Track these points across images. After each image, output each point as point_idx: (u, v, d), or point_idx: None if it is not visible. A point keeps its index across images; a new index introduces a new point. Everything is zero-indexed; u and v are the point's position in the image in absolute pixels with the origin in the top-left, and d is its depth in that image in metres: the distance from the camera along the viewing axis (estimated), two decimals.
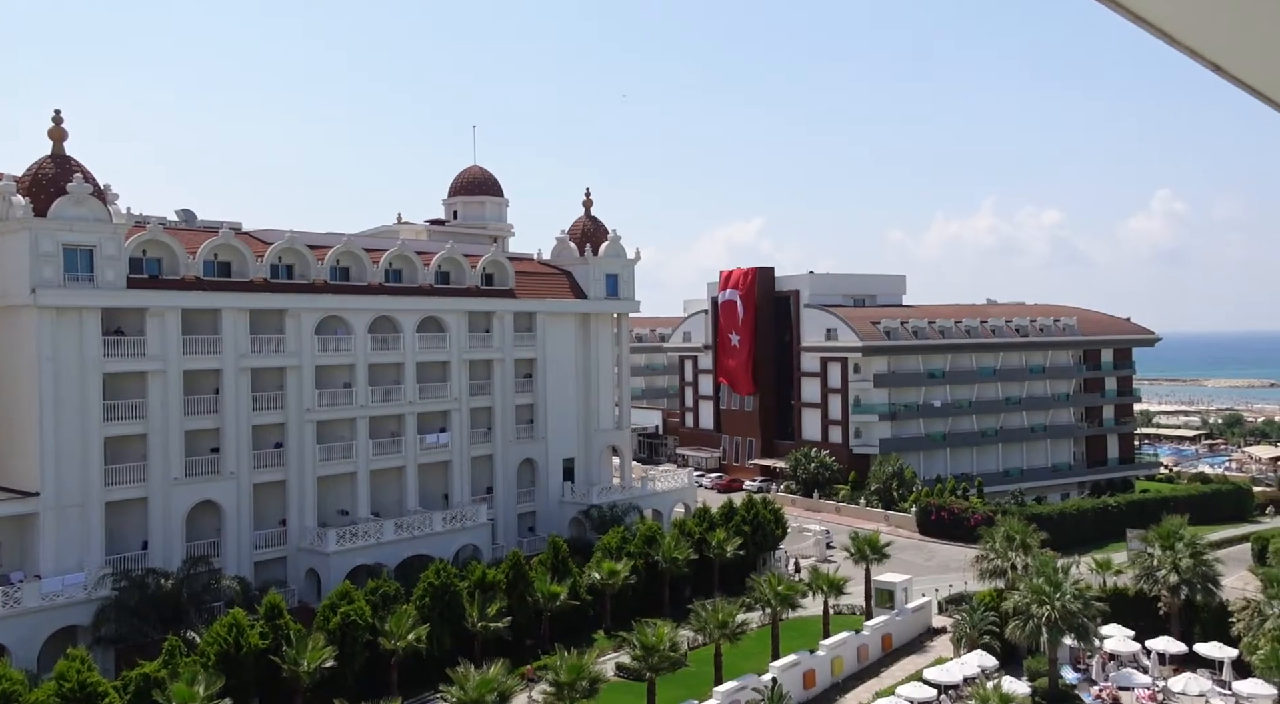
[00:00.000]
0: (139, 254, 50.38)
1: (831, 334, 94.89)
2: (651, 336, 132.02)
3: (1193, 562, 47.29)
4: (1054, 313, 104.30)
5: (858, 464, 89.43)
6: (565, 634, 48.50)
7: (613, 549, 55.23)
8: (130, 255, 49.58)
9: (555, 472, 68.60)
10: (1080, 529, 72.69)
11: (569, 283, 71.47)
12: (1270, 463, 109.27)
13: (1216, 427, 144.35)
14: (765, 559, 63.52)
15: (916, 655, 49.77)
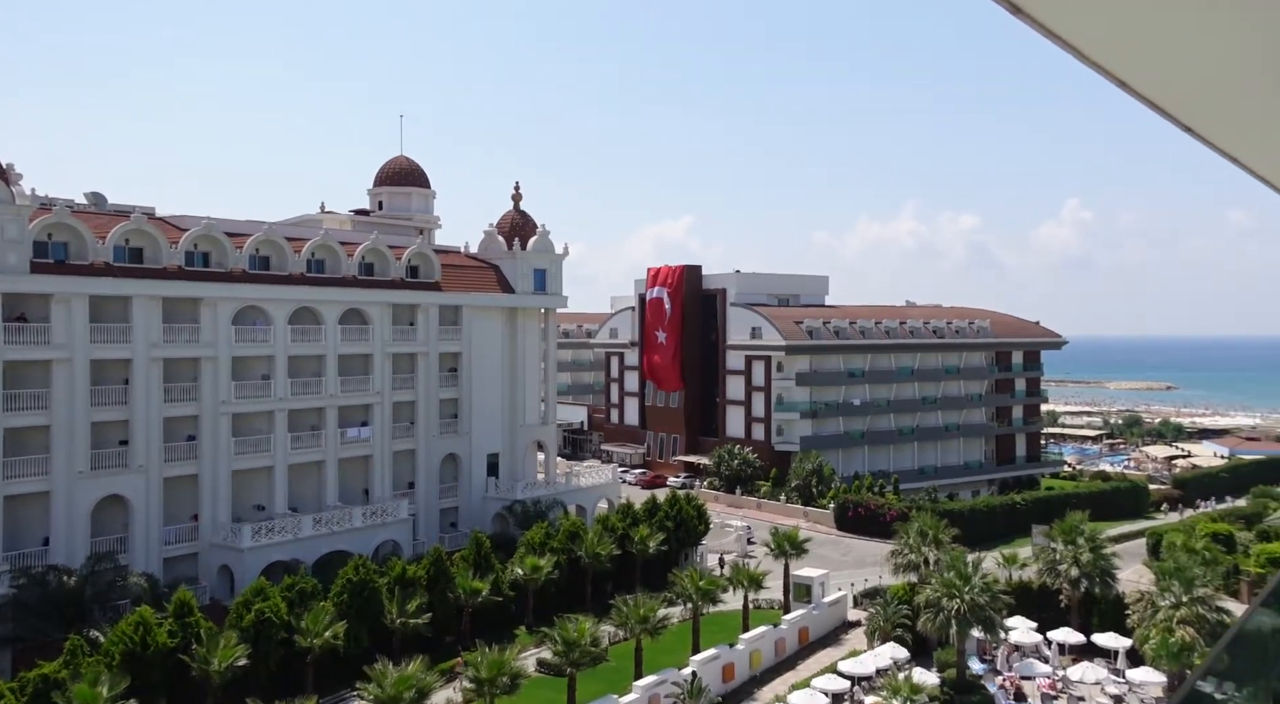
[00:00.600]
0: (44, 238, 48.32)
1: (756, 333, 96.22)
2: (579, 332, 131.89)
3: (1092, 556, 49.41)
4: (969, 315, 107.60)
5: (779, 461, 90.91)
6: (487, 630, 48.22)
7: (536, 545, 55.12)
8: (34, 239, 47.52)
9: (479, 467, 68.09)
10: (989, 525, 75.17)
11: (496, 277, 70.97)
12: (1165, 462, 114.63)
13: (1117, 427, 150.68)
14: (688, 555, 64.14)
15: (832, 648, 50.90)
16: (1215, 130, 7.15)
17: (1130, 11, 4.58)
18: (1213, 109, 6.64)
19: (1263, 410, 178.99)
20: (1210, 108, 6.57)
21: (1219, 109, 6.62)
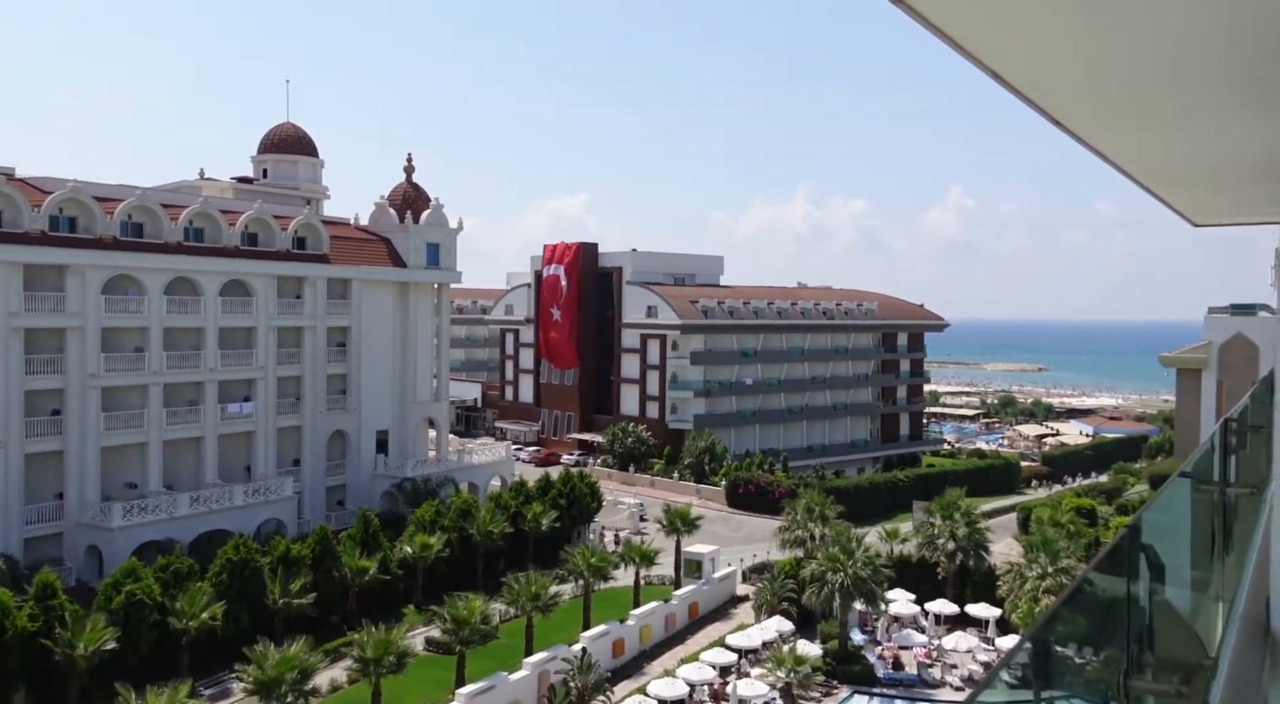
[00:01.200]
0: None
1: (652, 312, 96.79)
2: (473, 308, 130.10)
3: (968, 530, 51.83)
4: (857, 297, 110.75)
5: (673, 439, 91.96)
6: (375, 610, 47.39)
7: (426, 523, 54.39)
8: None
9: (368, 444, 66.61)
10: (873, 501, 77.84)
11: (388, 250, 69.25)
12: (1036, 440, 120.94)
13: (993, 406, 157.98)
14: (580, 532, 64.37)
15: (721, 622, 52.01)
16: (1083, 125, 7.47)
17: (999, 4, 4.72)
18: (1080, 105, 6.93)
19: (1124, 391, 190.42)
20: (1078, 103, 6.85)
21: (1086, 105, 6.92)
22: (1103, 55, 5.65)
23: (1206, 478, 4.51)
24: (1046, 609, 2.38)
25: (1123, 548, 2.69)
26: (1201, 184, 10.67)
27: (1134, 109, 7.06)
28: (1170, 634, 2.52)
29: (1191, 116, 7.37)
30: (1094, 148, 8.46)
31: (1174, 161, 9.23)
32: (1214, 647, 2.50)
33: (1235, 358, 28.78)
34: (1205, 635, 2.98)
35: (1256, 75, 5.64)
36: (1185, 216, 14.25)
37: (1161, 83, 6.27)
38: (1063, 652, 2.44)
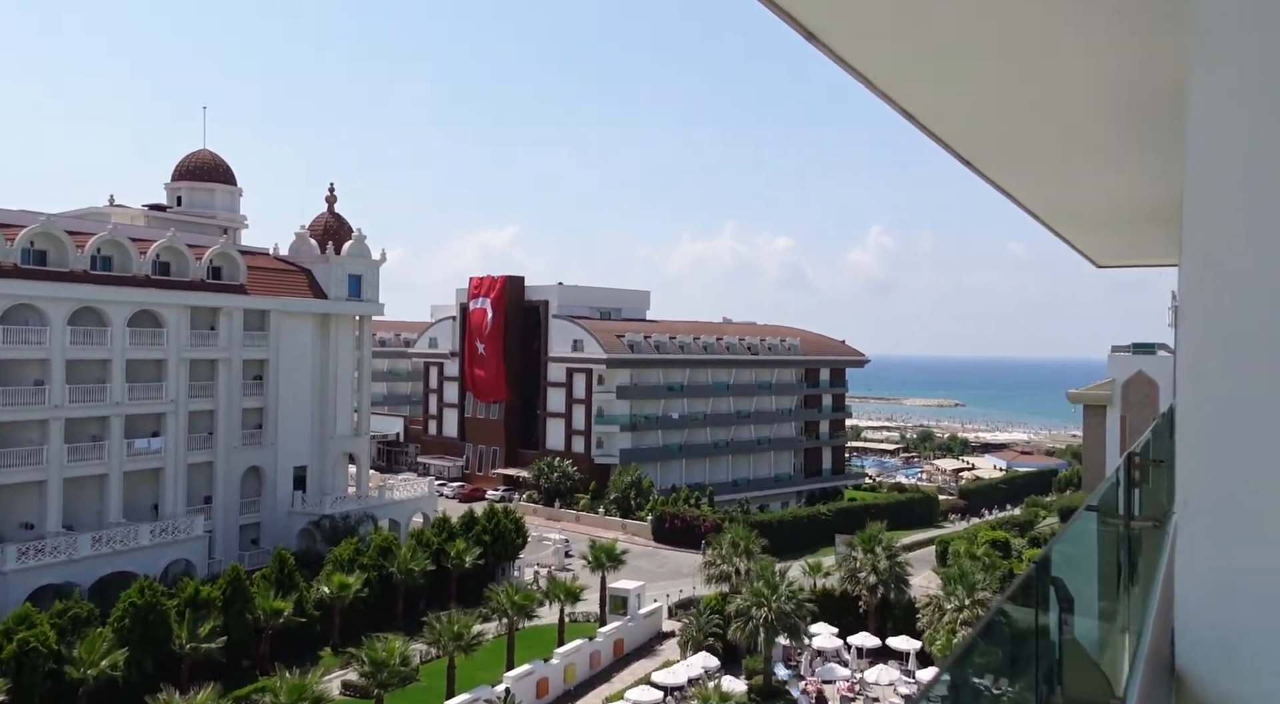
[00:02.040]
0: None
1: (578, 345, 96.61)
2: (396, 341, 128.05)
3: (888, 563, 52.53)
4: (781, 333, 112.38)
5: (599, 474, 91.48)
6: (289, 653, 45.69)
7: (345, 561, 52.86)
8: None
9: (285, 480, 64.62)
10: (797, 535, 78.42)
11: (308, 281, 67.82)
12: (953, 474, 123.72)
13: (912, 441, 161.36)
14: (505, 569, 63.32)
15: (646, 659, 51.52)
16: (991, 167, 7.73)
17: (909, 48, 4.84)
18: (988, 147, 7.17)
19: (1035, 427, 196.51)
20: (986, 146, 7.09)
21: (994, 148, 7.16)
22: (1009, 101, 5.87)
23: (1111, 511, 4.60)
24: (961, 642, 2.36)
25: (1032, 581, 2.69)
26: (1103, 226, 11.16)
27: (1038, 153, 7.34)
28: (1078, 671, 2.52)
29: (1092, 161, 7.70)
30: (1003, 189, 8.76)
31: (1076, 204, 9.64)
32: (1121, 684, 2.52)
33: (1137, 394, 29.97)
34: (1112, 672, 3.00)
35: (1151, 123, 5.91)
36: (1089, 258, 14.87)
37: (1063, 129, 6.54)
38: (979, 683, 2.42)
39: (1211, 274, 2.31)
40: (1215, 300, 2.29)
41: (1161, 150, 6.42)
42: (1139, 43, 4.54)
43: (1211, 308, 2.30)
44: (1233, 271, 2.27)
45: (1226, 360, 2.26)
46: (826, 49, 4.93)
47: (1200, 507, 2.29)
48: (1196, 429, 2.30)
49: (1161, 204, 8.53)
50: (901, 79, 5.38)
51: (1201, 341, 2.32)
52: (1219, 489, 2.27)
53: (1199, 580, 2.29)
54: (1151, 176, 7.58)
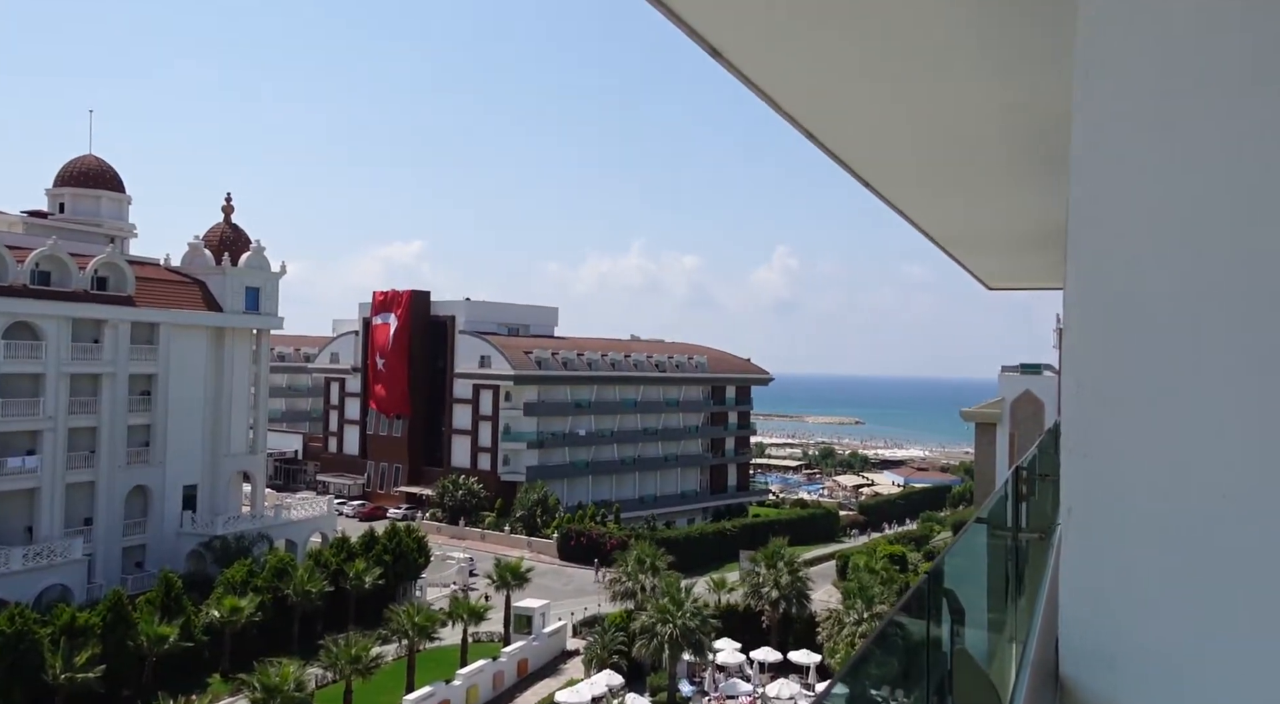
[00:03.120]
0: None
1: (485, 361, 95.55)
2: (296, 356, 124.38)
3: (790, 578, 53.34)
4: (688, 351, 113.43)
5: (505, 491, 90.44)
6: (176, 681, 43.64)
7: (237, 584, 50.84)
8: None
9: (174, 500, 61.83)
10: (702, 551, 78.96)
11: (202, 294, 65.32)
12: (853, 490, 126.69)
13: (814, 458, 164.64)
14: (406, 589, 61.87)
15: (550, 679, 50.96)
16: (889, 189, 7.96)
17: (808, 69, 4.95)
18: (886, 170, 7.38)
19: (931, 444, 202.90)
20: (884, 169, 7.30)
21: (890, 171, 7.38)
22: (904, 125, 6.05)
23: (1000, 524, 4.74)
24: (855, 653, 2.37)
25: (924, 593, 2.73)
26: (994, 249, 11.64)
27: (933, 176, 7.60)
28: (968, 681, 2.56)
29: (984, 186, 8.01)
30: (900, 211, 9.02)
31: (969, 227, 10.03)
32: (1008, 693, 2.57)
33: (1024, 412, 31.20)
34: (1001, 681, 3.07)
35: (1040, 149, 6.18)
36: (981, 280, 15.46)
37: (957, 153, 6.78)
38: (875, 694, 2.43)
39: (1093, 296, 2.39)
40: (1096, 321, 2.37)
41: (1049, 176, 6.70)
42: (1027, 70, 4.73)
43: (1093, 328, 2.38)
44: (1113, 294, 2.36)
45: (1107, 377, 2.34)
46: (730, 66, 4.99)
47: (1081, 517, 2.36)
48: (1079, 438, 2.37)
49: (1049, 229, 8.91)
50: (802, 99, 5.47)
51: (1084, 359, 2.39)
52: (1099, 498, 2.34)
53: (1080, 590, 2.35)
54: (1040, 202, 7.91)
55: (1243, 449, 2.16)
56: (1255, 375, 2.15)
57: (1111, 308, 2.31)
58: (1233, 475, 2.15)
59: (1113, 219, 2.36)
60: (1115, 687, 2.26)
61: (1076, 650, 2.32)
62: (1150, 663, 2.22)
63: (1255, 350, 2.16)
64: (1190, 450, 2.22)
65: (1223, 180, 2.24)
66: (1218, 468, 2.18)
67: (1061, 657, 2.35)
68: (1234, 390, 2.18)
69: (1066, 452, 2.36)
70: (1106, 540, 2.28)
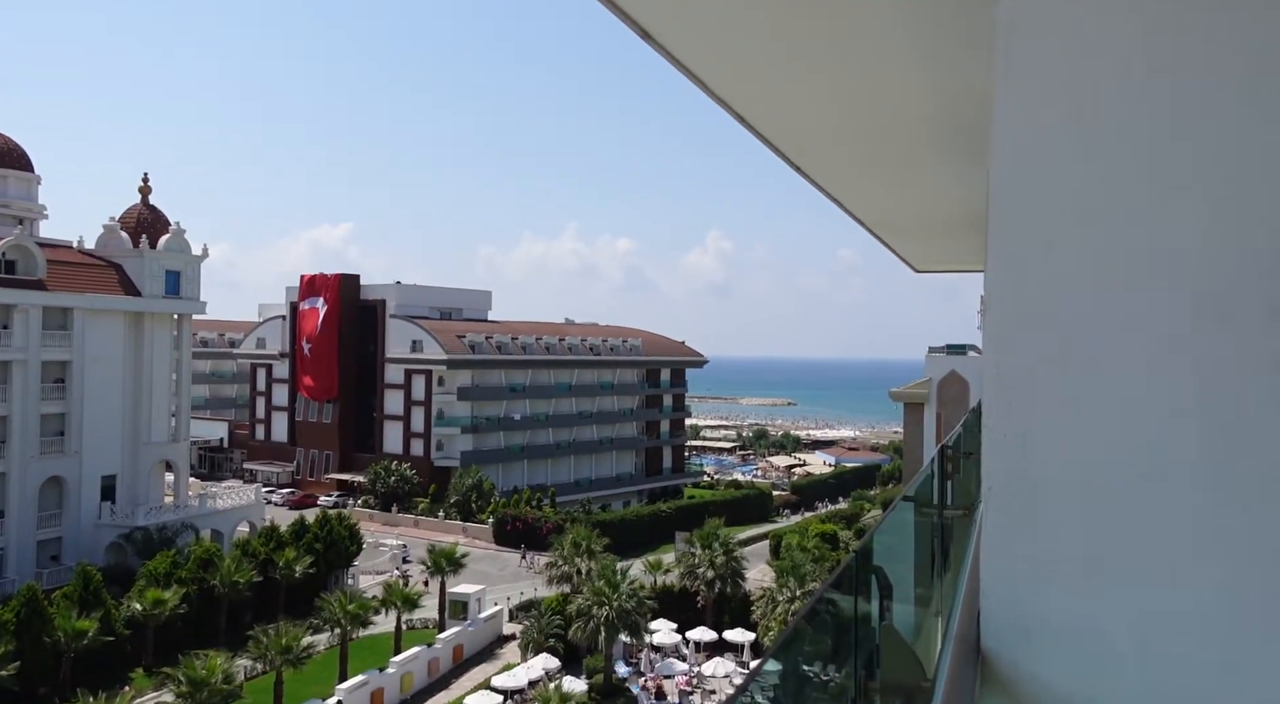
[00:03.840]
0: None
1: (417, 346, 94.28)
2: (220, 341, 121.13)
3: (725, 558, 53.99)
4: (623, 334, 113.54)
5: (439, 477, 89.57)
6: (96, 677, 42.32)
7: (160, 576, 49.50)
8: None
9: (91, 491, 59.82)
10: (638, 533, 79.41)
11: (119, 277, 63.07)
12: (786, 470, 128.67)
13: (748, 439, 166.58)
14: (338, 577, 60.98)
15: (487, 664, 50.84)
16: (818, 172, 8.05)
17: (738, 51, 4.96)
18: (815, 154, 7.45)
19: (861, 424, 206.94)
20: (813, 151, 7.37)
21: (819, 154, 7.46)
22: (831, 107, 6.11)
23: (926, 501, 4.85)
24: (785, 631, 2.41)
25: (852, 570, 2.77)
26: (920, 233, 11.88)
27: (860, 159, 7.70)
28: (895, 656, 2.62)
29: (909, 170, 8.15)
30: (830, 194, 9.13)
31: (896, 211, 10.21)
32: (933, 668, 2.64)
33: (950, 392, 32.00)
34: (928, 655, 3.15)
35: (963, 134, 6.30)
36: (908, 263, 15.76)
37: (883, 137, 6.88)
38: (807, 669, 2.47)
39: (1013, 278, 2.44)
40: (1015, 305, 2.43)
41: (972, 160, 6.83)
42: (951, 54, 4.81)
43: (1012, 312, 2.43)
44: (1031, 278, 2.42)
45: (1026, 355, 2.41)
46: (660, 48, 4.96)
47: (1001, 496, 2.42)
48: (1000, 419, 2.44)
49: (974, 212, 9.11)
50: (732, 82, 5.48)
51: (1003, 343, 2.45)
52: (1019, 477, 2.40)
53: (999, 566, 2.42)
54: (965, 185, 8.07)
55: (1155, 429, 2.24)
56: (1166, 358, 2.23)
57: (1030, 292, 2.37)
58: (1145, 455, 2.24)
59: (1031, 204, 2.42)
60: (1032, 658, 2.33)
61: (996, 624, 2.39)
62: (1065, 635, 2.30)
63: (1167, 333, 2.24)
64: (1105, 431, 2.30)
65: (1137, 166, 2.31)
66: (1131, 448, 2.26)
67: (982, 630, 2.42)
68: (1146, 372, 2.26)
69: (988, 432, 2.42)
70: (1025, 518, 2.35)
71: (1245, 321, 2.16)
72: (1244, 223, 2.18)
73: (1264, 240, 2.16)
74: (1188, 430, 2.21)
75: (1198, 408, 2.20)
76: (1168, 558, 2.22)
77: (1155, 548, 2.24)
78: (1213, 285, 2.19)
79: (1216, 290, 2.18)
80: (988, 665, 2.40)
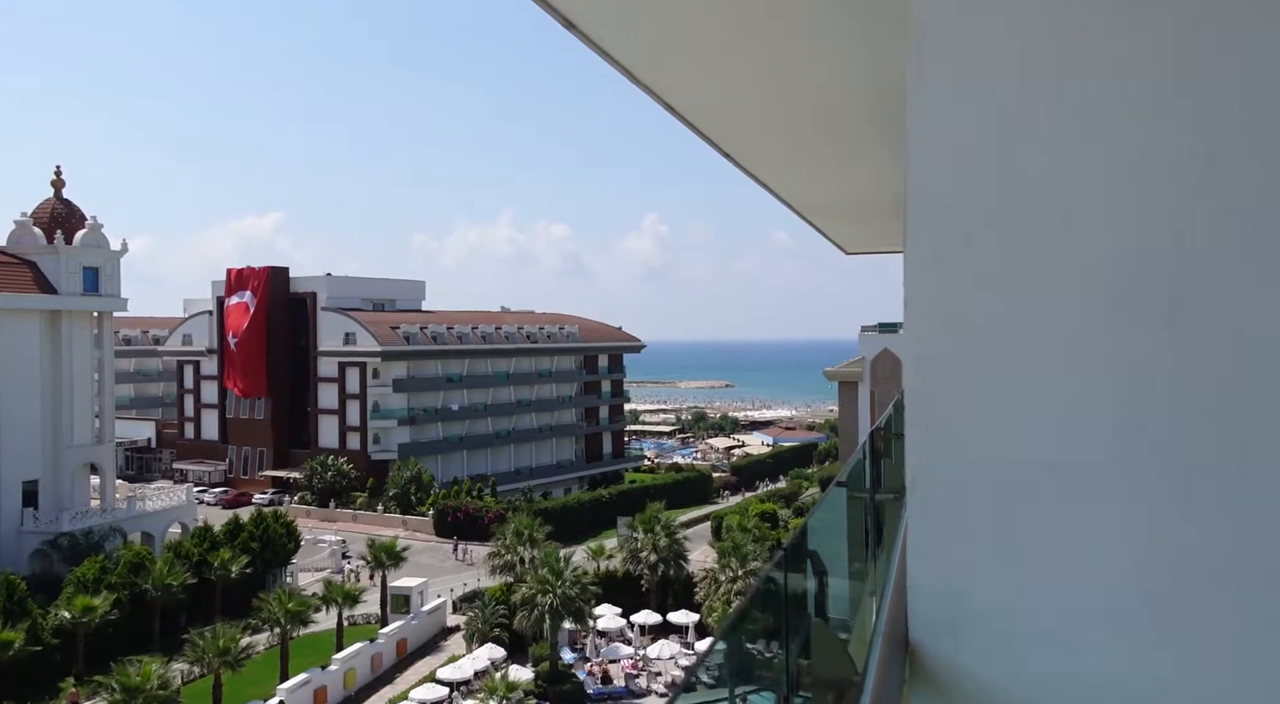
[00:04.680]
0: None
1: (350, 338, 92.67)
2: (144, 339, 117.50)
3: (668, 541, 54.36)
4: (560, 321, 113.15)
5: (376, 470, 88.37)
6: (23, 689, 41.00)
7: (89, 581, 48.00)
8: None
9: (11, 497, 57.66)
10: (580, 520, 79.45)
11: (33, 275, 60.65)
12: (725, 452, 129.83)
13: (686, 422, 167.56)
14: (276, 576, 59.83)
15: (431, 656, 50.47)
16: (748, 160, 8.07)
17: (660, 39, 4.93)
18: (744, 141, 7.47)
19: (797, 404, 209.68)
20: (742, 140, 7.38)
21: (745, 141, 7.48)
22: (757, 96, 6.13)
23: (859, 485, 4.90)
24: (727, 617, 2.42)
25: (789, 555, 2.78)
26: (847, 217, 12.03)
27: (786, 146, 7.75)
28: (826, 651, 2.63)
29: (838, 155, 8.24)
30: (759, 180, 9.17)
31: (823, 196, 10.32)
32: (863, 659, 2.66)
33: (884, 370, 32.58)
34: (858, 644, 3.18)
35: (883, 119, 6.38)
36: (839, 245, 15.96)
37: (807, 123, 6.93)
38: (751, 648, 2.49)
39: (930, 267, 2.46)
40: (934, 292, 2.45)
41: (893, 145, 6.91)
42: (868, 40, 4.84)
43: (930, 298, 2.45)
44: (948, 266, 2.43)
45: (943, 348, 2.42)
46: (584, 38, 4.90)
47: (924, 488, 2.44)
48: (920, 412, 2.45)
49: (898, 196, 9.23)
50: (655, 70, 5.45)
51: (922, 330, 2.47)
52: (940, 470, 2.43)
53: (924, 559, 2.45)
54: (890, 168, 8.17)
55: (1066, 422, 2.28)
56: (1078, 351, 2.27)
57: (947, 285, 2.39)
58: (1057, 447, 2.28)
59: (946, 192, 2.43)
60: (959, 651, 2.37)
61: (922, 617, 2.42)
62: (988, 628, 2.34)
63: (1078, 327, 2.27)
64: (1019, 423, 2.33)
65: (1052, 156, 2.33)
66: (1044, 440, 2.30)
67: (910, 622, 2.44)
68: (1059, 365, 2.29)
69: (910, 424, 2.45)
70: (946, 511, 2.38)
71: (1151, 319, 2.21)
72: (1151, 223, 2.23)
73: (1169, 241, 2.21)
74: (1096, 424, 2.26)
75: (1107, 401, 2.25)
76: (1079, 549, 2.27)
77: (1067, 539, 2.28)
78: (1121, 284, 2.23)
79: (1124, 289, 2.23)
80: (915, 658, 2.43)
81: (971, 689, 2.33)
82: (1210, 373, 2.16)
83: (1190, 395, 2.17)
